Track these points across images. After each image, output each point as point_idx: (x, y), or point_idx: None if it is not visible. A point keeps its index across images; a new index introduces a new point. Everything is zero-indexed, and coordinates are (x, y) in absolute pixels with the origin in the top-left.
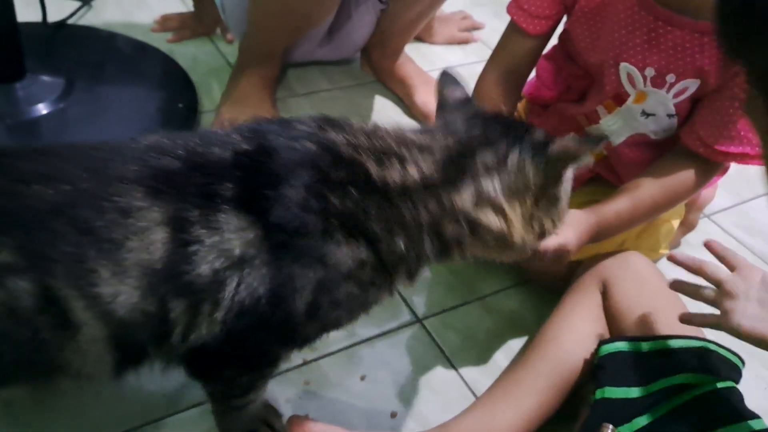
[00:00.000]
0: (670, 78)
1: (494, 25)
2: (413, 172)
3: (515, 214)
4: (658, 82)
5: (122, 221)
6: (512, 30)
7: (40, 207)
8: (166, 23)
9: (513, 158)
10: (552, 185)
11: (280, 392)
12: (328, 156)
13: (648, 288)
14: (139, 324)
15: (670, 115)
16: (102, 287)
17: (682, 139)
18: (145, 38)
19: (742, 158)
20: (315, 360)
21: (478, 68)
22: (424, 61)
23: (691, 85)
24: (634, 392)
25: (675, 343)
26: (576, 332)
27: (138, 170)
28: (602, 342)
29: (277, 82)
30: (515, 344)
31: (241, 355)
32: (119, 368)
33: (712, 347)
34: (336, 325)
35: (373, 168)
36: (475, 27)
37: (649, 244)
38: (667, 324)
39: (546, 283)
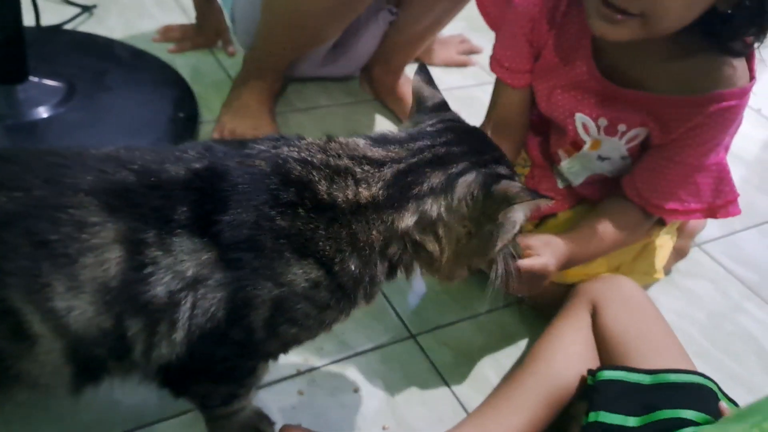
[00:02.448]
0: (622, 127)
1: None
2: (363, 191)
3: (448, 239)
4: (610, 131)
5: (76, 236)
6: (500, 84)
7: None
8: (167, 34)
9: (463, 185)
10: (487, 223)
11: (274, 401)
12: (278, 177)
13: (637, 311)
14: (96, 339)
15: (623, 157)
16: (56, 301)
17: (624, 189)
18: (147, 48)
19: (673, 214)
20: (309, 371)
21: (476, 91)
22: None
23: (641, 132)
24: (631, 421)
25: (676, 378)
26: (565, 352)
27: (93, 181)
28: (603, 367)
29: (277, 96)
30: (507, 362)
31: (208, 371)
32: (77, 381)
33: (712, 386)
34: (296, 341)
35: (323, 188)
36: (473, 51)
37: (643, 268)
38: (657, 349)
39: (538, 305)
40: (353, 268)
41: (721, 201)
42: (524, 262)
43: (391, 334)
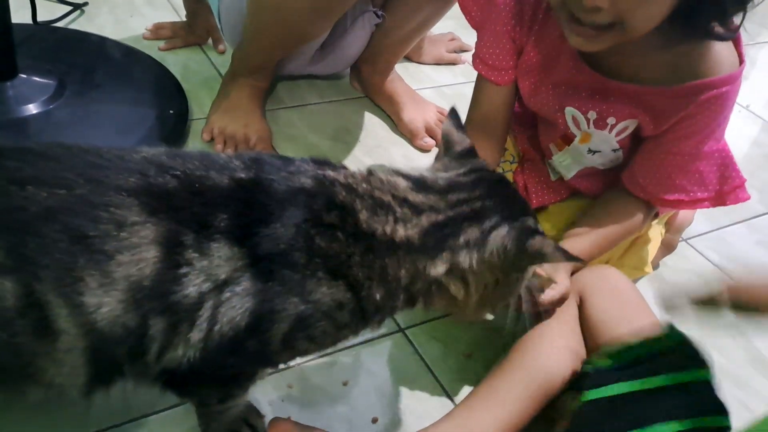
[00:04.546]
0: (611, 120)
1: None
2: (400, 230)
3: (476, 287)
4: (600, 124)
5: (115, 233)
6: (482, 82)
7: (33, 210)
8: (158, 31)
9: (496, 238)
10: (515, 273)
11: (263, 394)
12: (323, 197)
13: (623, 301)
14: (118, 338)
15: (614, 150)
16: (87, 296)
17: (626, 185)
18: (137, 45)
19: (679, 204)
20: (298, 364)
21: (465, 89)
22: (413, 80)
23: (630, 124)
24: (618, 388)
25: (651, 346)
26: (552, 343)
27: (136, 183)
28: (586, 361)
29: (267, 94)
30: (494, 355)
31: (214, 375)
32: (92, 382)
33: (685, 338)
34: (305, 354)
35: (364, 216)
36: (463, 49)
37: (633, 262)
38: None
39: None
40: (378, 297)
41: (728, 187)
42: (547, 296)
43: (380, 329)
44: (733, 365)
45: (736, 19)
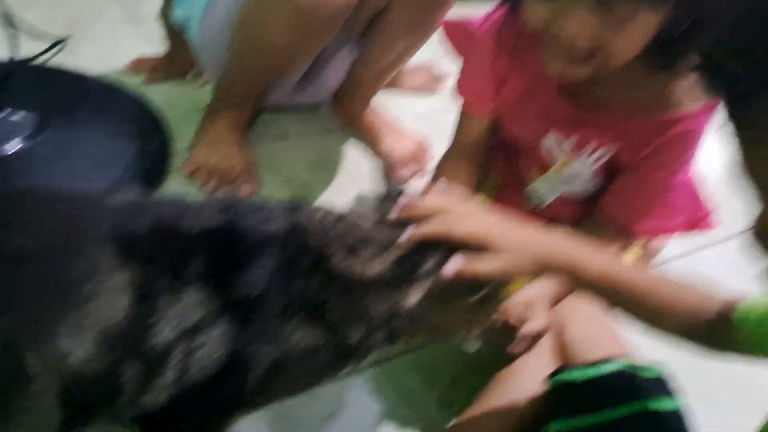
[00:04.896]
0: (588, 148)
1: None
2: (370, 268)
3: (445, 310)
4: (578, 152)
5: (88, 279)
6: (464, 110)
7: (7, 251)
8: (139, 65)
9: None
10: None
11: (245, 428)
12: (296, 242)
13: (599, 331)
14: (91, 382)
15: (591, 178)
16: (59, 341)
17: (601, 214)
18: (119, 79)
19: (654, 233)
20: None
21: (445, 117)
22: (393, 109)
23: (607, 153)
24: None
25: (602, 370)
26: (531, 372)
27: (109, 229)
28: (554, 372)
29: (249, 126)
30: (476, 385)
31: (191, 419)
32: (66, 425)
33: (629, 367)
34: (279, 399)
35: (337, 259)
36: (441, 77)
37: None
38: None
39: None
40: (356, 338)
41: (699, 215)
42: (525, 330)
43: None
44: (711, 386)
45: None
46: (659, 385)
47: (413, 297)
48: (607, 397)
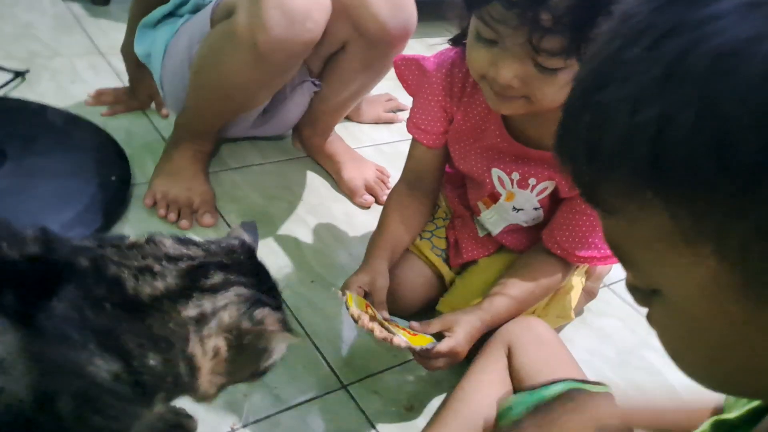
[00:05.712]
0: (532, 181)
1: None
2: (159, 284)
3: (210, 349)
4: (522, 184)
5: None
6: (416, 143)
7: None
8: (100, 97)
9: (233, 292)
10: (243, 342)
11: None
12: (95, 273)
13: (548, 353)
14: None
15: (536, 208)
16: None
17: (545, 243)
18: (79, 112)
19: (592, 260)
20: (243, 427)
21: (402, 146)
22: (352, 139)
23: (549, 185)
24: None
25: (546, 393)
26: (483, 392)
27: None
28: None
29: (210, 156)
30: (434, 405)
31: None
32: None
33: (577, 386)
34: (110, 430)
35: (131, 284)
36: (400, 108)
37: (556, 311)
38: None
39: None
40: (153, 364)
41: None
42: (440, 346)
43: (323, 386)
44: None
45: None
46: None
47: (192, 310)
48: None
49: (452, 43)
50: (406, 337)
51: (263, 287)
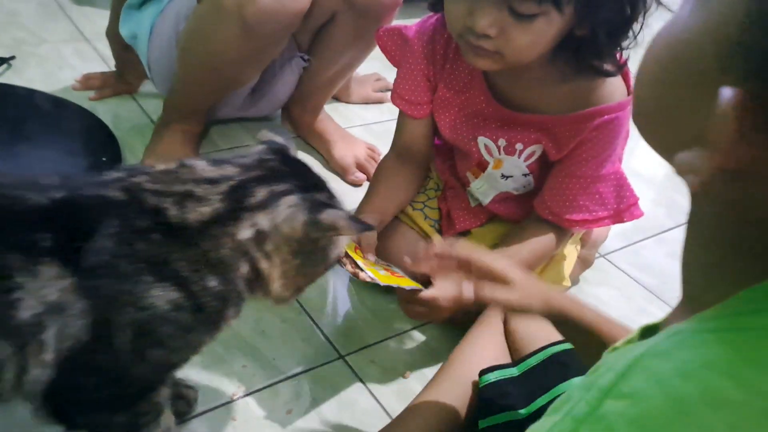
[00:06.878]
0: (519, 146)
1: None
2: (205, 208)
3: (277, 259)
4: (509, 150)
5: None
6: (402, 115)
7: None
8: (87, 82)
9: (285, 204)
10: (311, 247)
11: (208, 428)
12: (134, 204)
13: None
14: None
15: (525, 174)
16: None
17: (537, 209)
18: (67, 97)
19: (584, 223)
20: (242, 397)
21: (392, 125)
22: (342, 119)
23: (537, 149)
24: (521, 413)
25: (536, 359)
26: (479, 355)
27: None
28: (483, 371)
29: (200, 138)
30: (430, 373)
31: (90, 400)
32: None
33: (569, 346)
34: (168, 364)
35: (173, 212)
36: (388, 88)
37: (551, 278)
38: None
39: (458, 321)
40: (213, 287)
41: (624, 205)
42: (424, 294)
43: (320, 356)
44: None
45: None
46: (563, 367)
47: (246, 231)
48: (537, 388)
49: (431, 8)
50: (395, 280)
51: (309, 184)
